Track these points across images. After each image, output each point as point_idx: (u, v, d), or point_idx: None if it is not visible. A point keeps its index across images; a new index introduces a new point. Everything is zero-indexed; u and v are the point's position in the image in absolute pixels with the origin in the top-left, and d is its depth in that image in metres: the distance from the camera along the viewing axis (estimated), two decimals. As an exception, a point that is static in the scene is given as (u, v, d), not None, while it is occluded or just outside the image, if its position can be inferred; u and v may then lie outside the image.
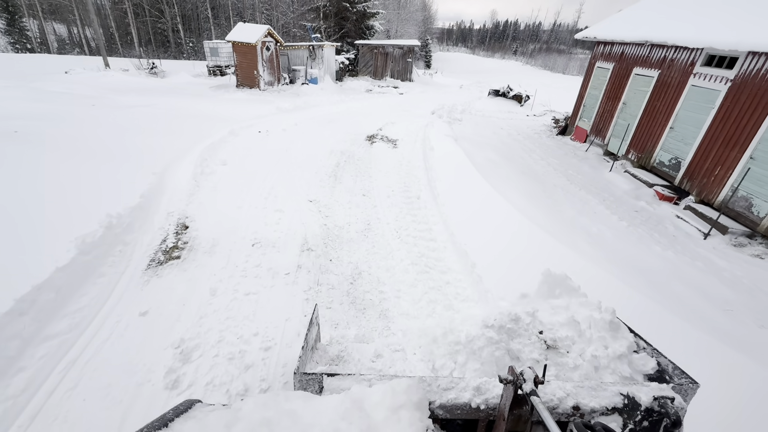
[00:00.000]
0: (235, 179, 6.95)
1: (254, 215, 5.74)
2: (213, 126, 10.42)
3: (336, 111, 14.58)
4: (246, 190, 6.52)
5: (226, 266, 4.50)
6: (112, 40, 55.07)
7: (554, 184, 9.78)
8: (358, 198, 6.77)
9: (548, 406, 1.63)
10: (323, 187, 7.07)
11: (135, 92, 15.27)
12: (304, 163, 8.19)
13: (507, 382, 1.45)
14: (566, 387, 1.72)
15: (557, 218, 7.88)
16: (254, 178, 7.09)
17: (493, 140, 13.65)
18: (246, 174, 7.26)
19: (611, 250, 6.76)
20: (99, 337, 3.32)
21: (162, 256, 4.58)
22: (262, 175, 7.31)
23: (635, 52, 11.57)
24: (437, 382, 1.73)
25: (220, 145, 8.82)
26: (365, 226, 5.78)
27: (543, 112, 20.90)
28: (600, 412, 1.66)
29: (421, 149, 9.87)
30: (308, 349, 2.25)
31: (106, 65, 21.09)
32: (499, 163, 10.78)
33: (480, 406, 1.66)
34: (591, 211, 8.45)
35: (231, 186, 6.63)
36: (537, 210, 8.09)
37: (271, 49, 17.00)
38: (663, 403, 1.65)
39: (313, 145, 9.62)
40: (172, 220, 5.36)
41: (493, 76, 45.37)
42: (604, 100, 12.99)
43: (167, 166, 6.87)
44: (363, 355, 3.04)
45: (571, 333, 2.56)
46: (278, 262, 4.67)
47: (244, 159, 8.11)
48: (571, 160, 12.10)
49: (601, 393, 1.71)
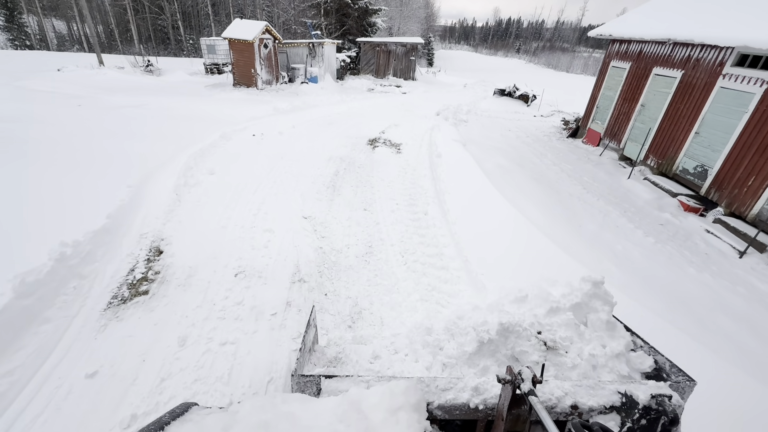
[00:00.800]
0: (223, 192, 6.21)
1: (240, 236, 5.00)
2: (205, 129, 9.68)
3: (336, 112, 13.82)
4: (233, 205, 5.78)
5: (201, 304, 3.77)
6: (111, 37, 54.34)
7: (570, 193, 9.03)
8: (359, 213, 6.03)
9: (546, 405, 1.61)
10: (320, 200, 6.33)
11: (127, 91, 14.53)
12: (300, 172, 7.45)
13: (505, 382, 1.43)
14: (564, 386, 1.70)
15: (578, 234, 7.14)
16: (244, 190, 6.35)
17: (502, 143, 12.87)
18: (235, 185, 6.52)
19: (642, 273, 6.01)
20: (28, 414, 2.59)
21: (127, 292, 3.85)
22: (253, 186, 6.57)
23: (655, 50, 10.77)
24: (435, 382, 1.71)
25: (210, 151, 8.08)
26: (366, 248, 5.04)
27: (550, 112, 20.10)
28: (598, 411, 1.65)
29: (426, 155, 9.11)
30: (306, 351, 2.22)
31: (101, 63, 20.35)
32: (510, 170, 10.03)
33: (478, 406, 1.64)
34: (613, 224, 7.70)
35: (217, 200, 5.89)
36: (555, 224, 7.35)
37: (269, 47, 16.22)
38: (660, 401, 1.64)
39: (311, 151, 8.87)
40: (145, 243, 4.63)
41: (496, 74, 44.46)
42: (620, 101, 12.20)
43: (147, 176, 6.13)
44: (361, 356, 2.80)
45: (570, 333, 2.48)
46: (264, 298, 3.94)
47: (234, 167, 7.37)
48: (585, 165, 11.33)
49: (599, 392, 1.70)
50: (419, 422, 1.36)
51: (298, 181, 6.99)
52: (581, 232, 7.24)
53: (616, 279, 5.73)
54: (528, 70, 60.86)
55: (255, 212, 5.62)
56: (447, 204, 6.25)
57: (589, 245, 6.80)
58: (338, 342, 3.30)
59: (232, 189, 6.35)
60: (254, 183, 6.70)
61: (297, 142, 9.43)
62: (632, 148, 11.32)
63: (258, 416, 1.29)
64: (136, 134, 8.49)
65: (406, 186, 7.28)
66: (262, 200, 6.04)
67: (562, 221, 7.57)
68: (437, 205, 6.25)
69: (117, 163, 6.42)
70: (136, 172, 6.11)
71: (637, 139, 11.14)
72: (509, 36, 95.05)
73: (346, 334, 3.55)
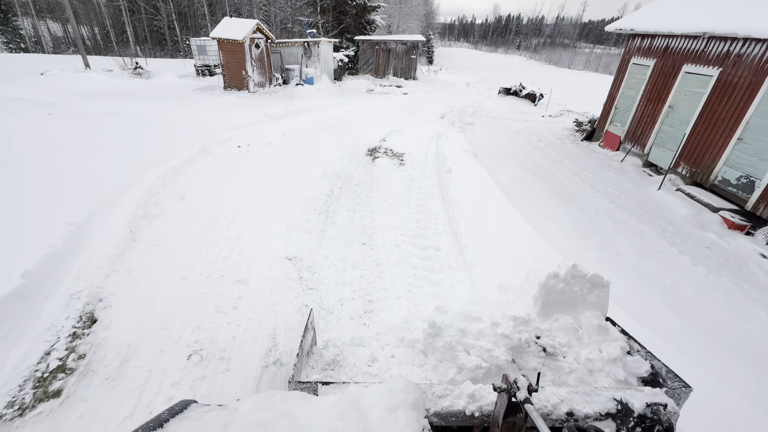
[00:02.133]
0: (191, 224, 5.06)
1: (204, 292, 3.85)
2: (185, 140, 8.53)
3: (333, 116, 12.63)
4: (201, 244, 4.63)
5: (132, 413, 2.64)
6: (107, 39, 53.18)
7: (596, 209, 7.86)
8: (356, 249, 4.88)
9: (542, 412, 1.60)
10: (309, 232, 5.18)
11: (109, 96, 13.37)
12: (287, 194, 6.29)
13: (501, 390, 1.41)
14: (560, 393, 1.69)
15: (615, 264, 5.98)
16: (217, 221, 5.20)
17: (513, 149, 11.69)
18: (208, 214, 5.36)
19: (703, 320, 4.85)
20: None
21: (30, 394, 2.72)
22: (229, 215, 5.42)
23: (686, 45, 9.55)
24: (432, 389, 1.71)
25: (185, 169, 6.93)
26: (365, 304, 3.89)
27: (559, 112, 18.89)
28: (593, 418, 1.63)
29: (433, 168, 7.94)
30: (303, 356, 2.15)
31: (87, 66, 19.17)
32: (527, 182, 8.85)
33: (474, 413, 1.63)
34: (652, 248, 6.54)
35: (182, 237, 4.74)
36: (588, 251, 6.19)
37: (261, 47, 15.02)
38: (656, 410, 1.62)
39: (302, 165, 7.71)
40: (75, 308, 3.49)
41: (498, 71, 43.14)
42: (643, 102, 10.99)
43: (99, 206, 4.98)
44: (359, 359, 2.66)
45: (569, 338, 2.44)
46: (223, 397, 2.80)
47: (210, 189, 6.22)
48: (606, 173, 10.15)
49: (595, 398, 1.69)
50: (417, 420, 1.34)
51: (284, 206, 5.84)
52: (619, 261, 6.09)
53: (675, 329, 4.58)
54: (529, 67, 59.41)
55: (227, 254, 4.47)
56: (463, 237, 5.09)
57: (632, 279, 5.65)
58: (337, 343, 2.97)
59: (204, 220, 5.19)
60: (231, 211, 5.55)
61: (287, 155, 8.27)
62: (659, 154, 10.14)
63: (257, 414, 1.27)
64: (105, 148, 7.34)
65: (412, 209, 6.12)
66: (237, 235, 4.89)
67: (594, 247, 6.41)
68: (451, 238, 5.09)
69: (68, 188, 5.28)
70: (86, 202, 4.96)
71: (665, 144, 9.95)
72: (509, 33, 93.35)
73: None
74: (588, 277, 2.66)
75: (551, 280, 2.68)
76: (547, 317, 2.69)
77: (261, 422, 1.23)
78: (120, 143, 7.76)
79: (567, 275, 2.66)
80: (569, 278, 2.65)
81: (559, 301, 2.68)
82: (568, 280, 2.64)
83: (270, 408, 1.30)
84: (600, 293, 2.65)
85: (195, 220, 5.18)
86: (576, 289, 2.65)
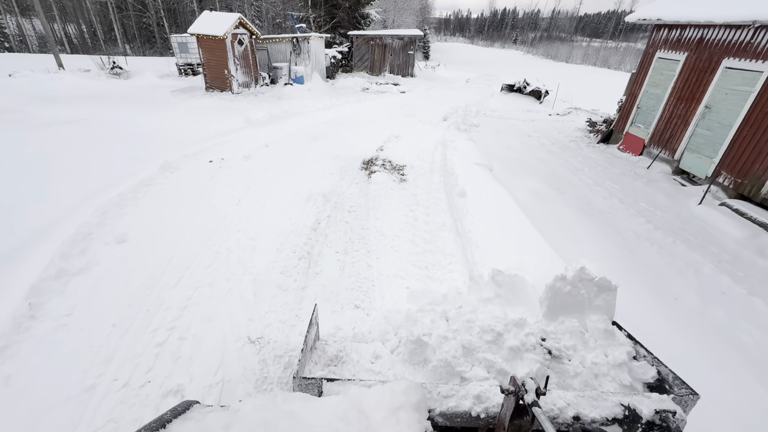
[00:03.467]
0: (121, 287, 3.68)
1: (111, 419, 2.51)
2: (147, 153, 7.13)
3: (324, 120, 11.22)
4: (127, 324, 3.24)
5: None
6: (95, 37, 51.29)
7: (635, 233, 6.56)
8: (347, 317, 3.53)
9: (549, 416, 1.56)
10: (285, 291, 3.83)
11: (74, 101, 11.89)
12: (261, 228, 4.93)
13: (509, 392, 1.40)
14: (567, 396, 1.65)
15: (677, 312, 4.68)
16: (159, 280, 3.82)
17: (526, 155, 10.35)
18: (149, 268, 3.99)
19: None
20: None
21: None
22: (179, 267, 4.05)
23: (726, 36, 8.20)
24: (437, 389, 1.69)
25: (137, 195, 5.54)
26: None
27: (567, 110, 17.55)
28: (600, 423, 1.60)
29: (441, 186, 6.59)
30: (307, 351, 2.14)
31: (60, 66, 17.61)
32: (549, 198, 7.52)
33: (480, 414, 1.60)
34: (714, 288, 5.25)
35: (103, 310, 3.36)
36: (640, 295, 4.89)
37: (245, 43, 13.54)
38: (665, 417, 1.59)
39: (284, 186, 6.34)
40: None
41: (496, 66, 41.66)
42: (672, 101, 9.66)
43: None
44: (362, 356, 2.51)
45: (575, 341, 2.38)
46: None
47: (163, 225, 4.84)
48: (634, 183, 8.83)
49: (602, 403, 1.65)
50: (419, 422, 1.33)
51: (255, 249, 4.47)
52: (680, 309, 4.79)
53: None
54: (526, 61, 57.86)
55: (162, 338, 3.10)
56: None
57: (701, 335, 4.36)
58: (338, 339, 2.87)
59: (142, 277, 3.82)
60: (184, 259, 4.18)
61: (267, 171, 6.89)
62: (693, 160, 8.83)
63: (259, 414, 1.26)
64: (41, 169, 5.95)
65: (418, 247, 4.78)
66: (184, 303, 3.53)
67: (645, 288, 5.11)
68: (476, 297, 3.75)
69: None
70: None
71: (701, 150, 8.64)
72: (505, 27, 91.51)
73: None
74: (596, 281, 2.52)
75: (558, 282, 2.54)
76: (552, 319, 2.57)
77: (263, 423, 1.23)
78: (63, 162, 6.36)
79: (574, 278, 2.51)
80: (576, 281, 2.52)
81: (565, 304, 2.55)
82: (575, 283, 2.51)
83: (272, 409, 1.29)
84: (607, 297, 2.53)
85: (130, 277, 3.80)
86: (583, 292, 2.53)
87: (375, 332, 3.16)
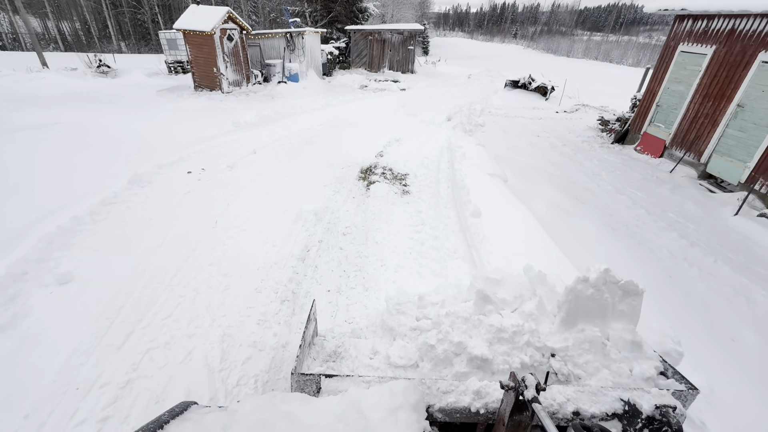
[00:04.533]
0: (47, 354, 2.82)
1: None
2: (118, 164, 6.29)
3: (319, 122, 10.34)
4: (45, 414, 2.40)
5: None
6: (89, 35, 50.16)
7: (669, 251, 5.73)
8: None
9: (548, 411, 1.55)
10: (261, 351, 3.00)
11: (51, 102, 11.00)
12: (236, 261, 4.09)
13: (509, 388, 1.38)
14: (567, 392, 1.64)
15: (735, 358, 3.88)
16: (99, 342, 2.96)
17: (536, 158, 9.50)
18: (89, 323, 3.14)
19: None
20: None
21: None
22: (129, 320, 3.21)
23: (764, 27, 7.33)
24: (437, 384, 1.66)
25: (95, 217, 4.70)
26: None
27: (574, 107, 16.66)
28: (600, 418, 1.59)
29: (450, 201, 5.75)
30: (305, 347, 2.11)
31: (44, 65, 16.67)
32: (569, 210, 6.69)
33: (479, 410, 1.59)
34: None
35: (13, 395, 2.50)
36: (692, 335, 4.08)
37: (235, 39, 12.62)
38: (665, 413, 1.57)
39: (270, 202, 5.49)
40: None
41: (497, 61, 40.58)
42: (698, 99, 8.79)
43: None
44: (360, 351, 2.38)
45: (594, 356, 2.09)
46: None
47: (117, 260, 4.00)
48: (658, 190, 7.99)
49: (602, 398, 1.64)
50: (418, 422, 1.32)
51: (228, 290, 3.63)
52: (738, 350, 3.98)
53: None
54: (527, 55, 56.66)
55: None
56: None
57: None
58: (337, 334, 2.64)
59: (78, 339, 2.98)
60: (138, 306, 3.35)
61: (252, 184, 6.04)
62: (722, 164, 7.98)
63: (257, 415, 1.25)
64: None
65: (426, 281, 3.95)
66: (126, 377, 2.68)
67: (695, 324, 4.30)
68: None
69: None
70: None
71: (732, 153, 7.79)
72: (504, 21, 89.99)
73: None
74: (621, 284, 2.21)
75: (580, 284, 2.21)
76: (571, 326, 2.26)
77: (261, 423, 1.21)
78: (18, 175, 5.52)
79: (598, 280, 2.19)
80: (600, 283, 2.20)
81: (586, 308, 2.23)
82: (598, 286, 2.20)
83: (270, 409, 1.28)
84: (632, 302, 2.22)
85: (64, 337, 2.97)
86: (606, 296, 2.22)
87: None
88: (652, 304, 4.47)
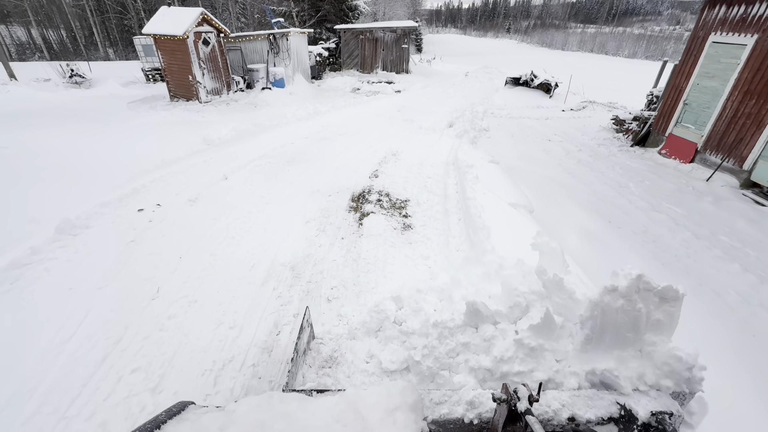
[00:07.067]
0: None
1: None
2: (53, 202, 5.05)
3: (305, 134, 9.08)
4: None
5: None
6: (75, 43, 48.57)
7: (738, 293, 4.54)
8: None
9: (543, 418, 1.49)
10: None
11: (9, 120, 9.64)
12: (174, 366, 2.86)
13: (501, 401, 1.33)
14: (562, 397, 1.57)
15: None
16: None
17: (553, 168, 8.27)
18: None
19: None
20: None
21: None
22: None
23: (824, 10, 6.11)
24: (429, 395, 1.60)
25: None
26: None
27: (581, 104, 15.43)
28: (595, 423, 1.52)
29: (463, 237, 4.53)
30: (298, 359, 2.08)
31: (11, 76, 15.31)
32: (605, 240, 5.46)
33: (473, 420, 1.52)
34: None
35: None
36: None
37: (212, 43, 11.31)
38: (661, 419, 1.51)
39: (234, 253, 4.25)
40: None
41: (492, 57, 39.24)
42: (737, 96, 7.57)
43: None
44: (356, 355, 2.37)
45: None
46: None
47: (14, 356, 2.78)
48: (698, 204, 6.79)
49: (598, 402, 1.57)
50: (416, 422, 1.29)
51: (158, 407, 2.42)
52: None
53: None
54: (521, 50, 55.26)
55: None
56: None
57: None
58: (334, 337, 2.71)
59: None
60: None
61: (215, 226, 4.80)
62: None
63: (255, 415, 1.22)
64: None
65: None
66: None
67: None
68: None
69: None
70: None
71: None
72: (497, 16, 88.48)
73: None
74: (657, 290, 1.81)
75: (607, 296, 1.82)
76: (596, 347, 1.88)
77: (259, 424, 1.19)
78: None
79: (629, 288, 1.80)
80: (632, 292, 1.80)
81: (615, 323, 1.82)
82: (630, 295, 1.81)
83: (268, 409, 1.25)
84: (670, 308, 1.82)
85: None
86: (640, 306, 1.80)
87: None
88: (733, 371, 3.28)
